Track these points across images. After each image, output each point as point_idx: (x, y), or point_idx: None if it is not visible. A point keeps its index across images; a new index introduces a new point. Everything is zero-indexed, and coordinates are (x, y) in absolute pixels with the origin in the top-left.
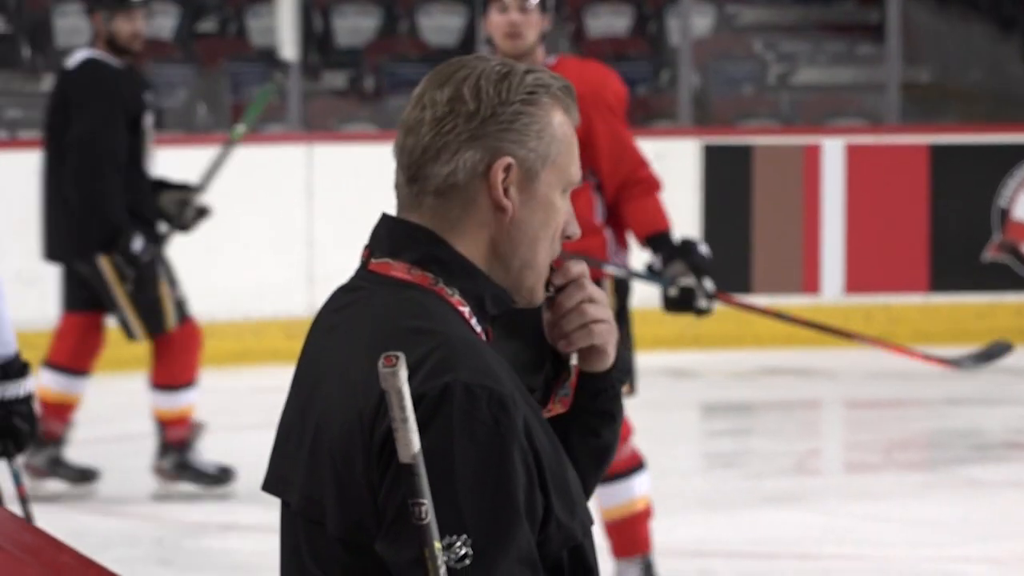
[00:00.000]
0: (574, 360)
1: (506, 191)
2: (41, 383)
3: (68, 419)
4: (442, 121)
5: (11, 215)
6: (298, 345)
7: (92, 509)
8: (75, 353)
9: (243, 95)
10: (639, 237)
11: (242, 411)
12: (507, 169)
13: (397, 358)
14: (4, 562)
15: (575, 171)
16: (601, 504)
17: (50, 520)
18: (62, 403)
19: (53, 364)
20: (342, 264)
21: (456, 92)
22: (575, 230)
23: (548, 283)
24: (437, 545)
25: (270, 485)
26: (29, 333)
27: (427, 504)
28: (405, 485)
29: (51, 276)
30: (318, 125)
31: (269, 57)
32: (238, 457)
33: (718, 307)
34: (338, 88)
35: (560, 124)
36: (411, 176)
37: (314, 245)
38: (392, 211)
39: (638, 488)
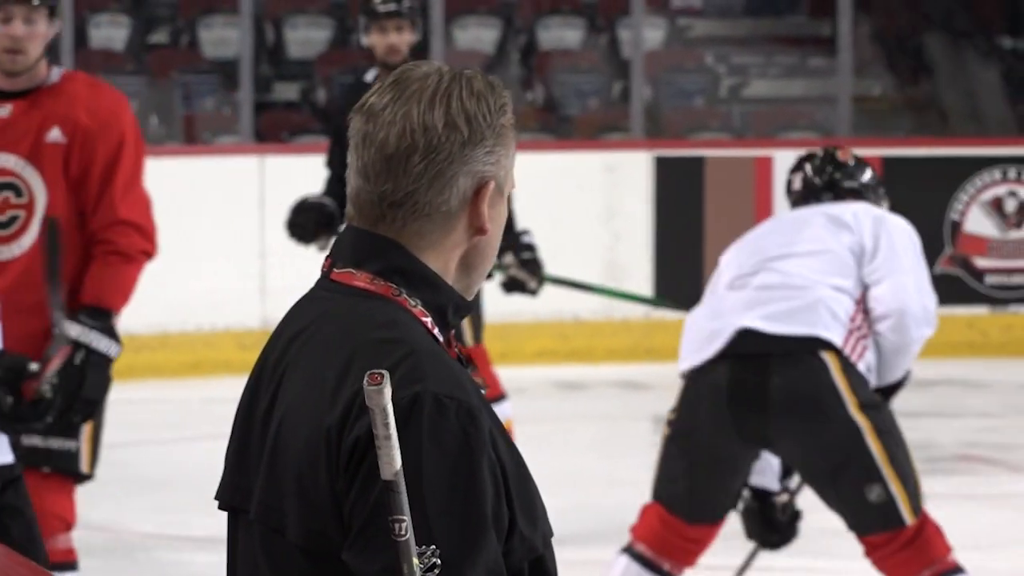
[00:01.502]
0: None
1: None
2: None
3: None
4: (437, 149)
5: None
6: (251, 356)
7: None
8: None
9: (195, 106)
10: None
11: (194, 423)
12: (490, 191)
13: (382, 376)
14: None
15: (514, 181)
16: None
17: None
18: None
19: None
20: (295, 275)
21: (448, 116)
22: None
23: None
24: (415, 561)
25: (224, 495)
26: None
27: (407, 521)
28: (386, 502)
29: None
30: (270, 137)
31: (221, 68)
32: (189, 469)
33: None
34: (290, 100)
35: (512, 137)
36: (395, 201)
37: (267, 256)
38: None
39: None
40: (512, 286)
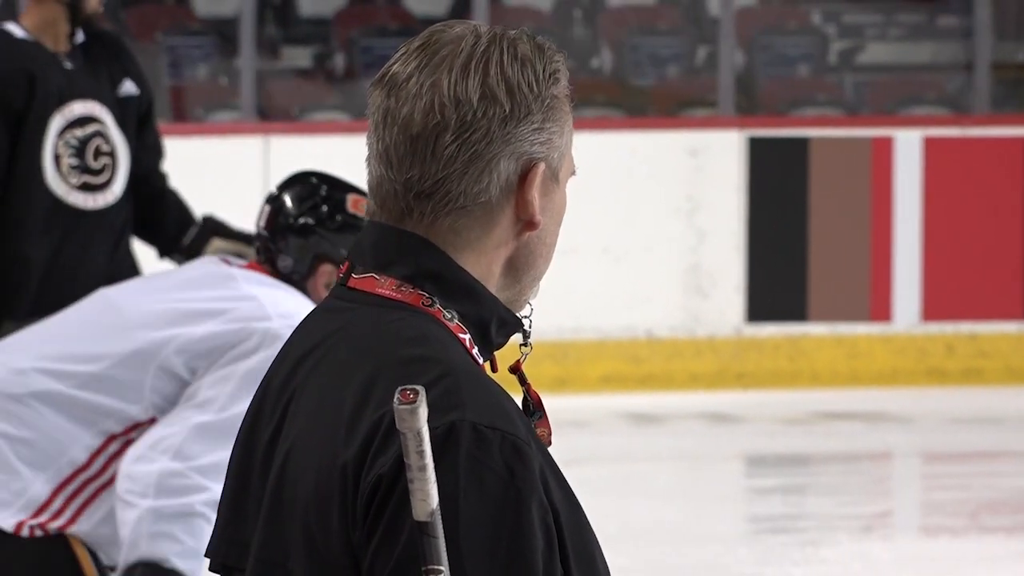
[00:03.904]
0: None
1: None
2: None
3: None
4: (471, 127)
5: None
6: None
7: None
8: None
9: (185, 76)
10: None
11: None
12: (540, 175)
13: (417, 392)
14: None
15: (574, 165)
16: None
17: None
18: None
19: None
20: None
21: (485, 87)
22: None
23: None
24: None
25: (217, 551)
26: None
27: (445, 572)
28: (418, 551)
29: None
30: (277, 112)
31: (217, 29)
32: None
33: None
34: (301, 68)
35: (567, 112)
36: (422, 191)
37: None
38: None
39: None
40: None
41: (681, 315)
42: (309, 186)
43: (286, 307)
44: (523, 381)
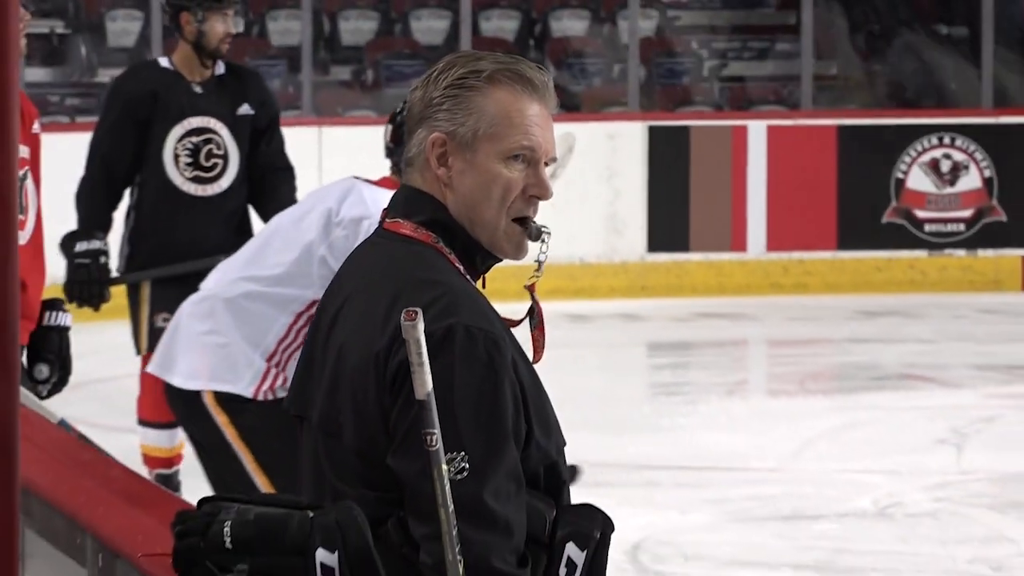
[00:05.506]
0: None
1: (443, 161)
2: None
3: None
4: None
5: (71, 188)
6: None
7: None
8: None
9: None
10: None
11: None
12: (440, 143)
13: (416, 313)
14: (64, 475)
15: (515, 143)
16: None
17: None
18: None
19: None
20: None
21: (418, 83)
22: (541, 192)
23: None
24: (444, 467)
25: (292, 403)
26: None
27: (437, 434)
28: (418, 417)
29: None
30: (327, 111)
31: (286, 54)
32: None
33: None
34: (343, 80)
35: (498, 102)
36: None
37: None
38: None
39: None
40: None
41: (603, 247)
42: None
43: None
44: (533, 298)
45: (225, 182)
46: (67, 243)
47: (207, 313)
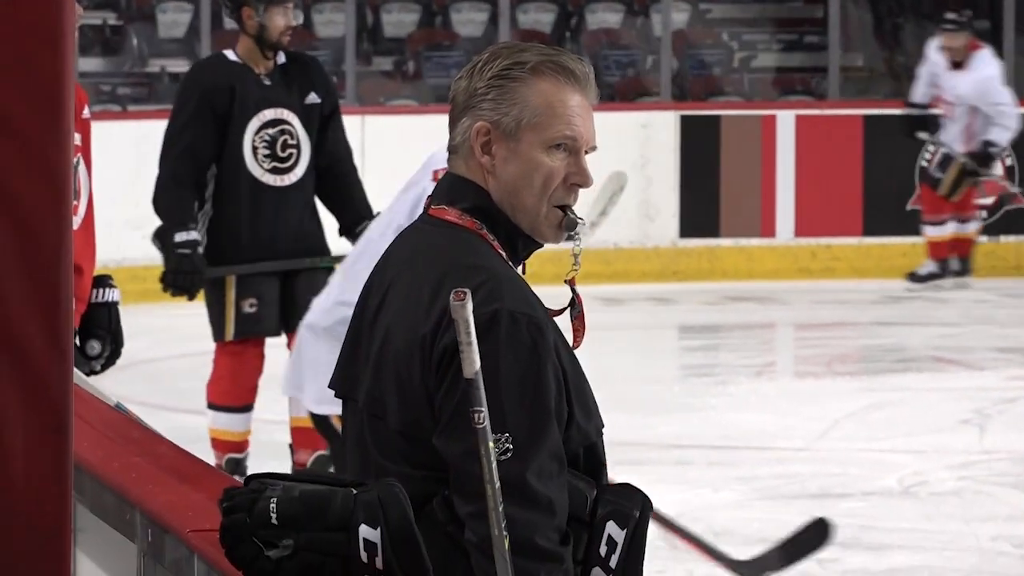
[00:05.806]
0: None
1: (487, 150)
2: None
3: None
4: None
5: (122, 171)
6: None
7: (190, 408)
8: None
9: None
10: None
11: None
12: (484, 132)
13: (465, 293)
14: (114, 452)
15: (557, 133)
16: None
17: (152, 421)
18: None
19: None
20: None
21: (463, 72)
22: (582, 180)
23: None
24: (491, 446)
25: (337, 384)
26: (135, 267)
27: (484, 412)
28: (466, 396)
29: (154, 222)
30: (370, 100)
31: (331, 45)
32: None
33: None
34: (386, 70)
35: (541, 93)
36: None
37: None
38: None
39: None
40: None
41: (636, 233)
42: None
43: None
44: (573, 291)
45: (299, 171)
46: (163, 234)
47: (315, 339)
